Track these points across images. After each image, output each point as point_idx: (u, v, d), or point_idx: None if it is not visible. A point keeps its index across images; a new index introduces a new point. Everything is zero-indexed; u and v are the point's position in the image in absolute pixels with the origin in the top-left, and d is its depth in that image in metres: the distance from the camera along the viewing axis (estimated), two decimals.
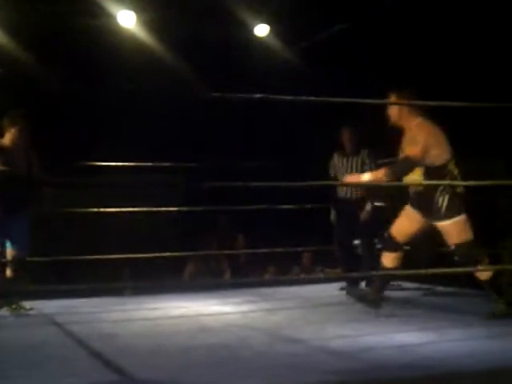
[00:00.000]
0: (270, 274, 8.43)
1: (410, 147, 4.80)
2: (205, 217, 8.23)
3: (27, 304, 5.41)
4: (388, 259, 5.11)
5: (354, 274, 6.22)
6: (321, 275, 8.14)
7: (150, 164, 6.89)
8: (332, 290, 6.36)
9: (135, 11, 7.28)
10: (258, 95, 3.72)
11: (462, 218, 4.75)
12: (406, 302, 5.67)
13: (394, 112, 4.94)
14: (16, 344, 4.19)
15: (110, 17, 7.25)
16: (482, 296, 5.05)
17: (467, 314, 4.90)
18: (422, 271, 5.37)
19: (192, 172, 7.29)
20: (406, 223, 5.03)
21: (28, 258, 5.52)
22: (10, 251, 5.31)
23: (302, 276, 5.97)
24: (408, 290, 6.47)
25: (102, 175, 7.08)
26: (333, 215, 6.49)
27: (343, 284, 6.35)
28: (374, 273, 6.21)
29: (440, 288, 6.27)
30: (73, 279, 7.34)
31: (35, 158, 5.35)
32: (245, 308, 5.56)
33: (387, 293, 6.28)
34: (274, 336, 4.39)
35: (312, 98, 3.81)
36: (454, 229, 4.74)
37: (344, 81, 7.35)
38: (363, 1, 7.32)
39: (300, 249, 7.72)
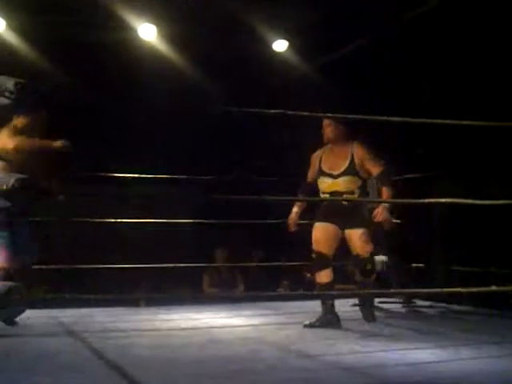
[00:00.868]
0: (283, 287, 8.43)
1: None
2: (220, 230, 8.26)
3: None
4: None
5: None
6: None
7: (165, 176, 6.92)
8: (344, 306, 6.36)
9: (156, 24, 7.36)
10: (274, 111, 3.74)
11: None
12: (419, 320, 5.65)
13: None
14: (30, 352, 4.21)
15: (131, 30, 7.33)
16: (497, 315, 5.03)
17: (482, 333, 4.88)
18: (437, 290, 5.38)
19: (208, 185, 7.34)
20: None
21: (43, 266, 5.54)
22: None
23: (315, 291, 5.98)
24: (422, 307, 6.45)
25: (116, 186, 7.11)
26: None
27: (355, 300, 6.33)
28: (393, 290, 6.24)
29: (455, 306, 6.25)
30: (87, 289, 7.37)
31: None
32: (257, 321, 5.57)
33: (402, 311, 6.30)
34: (285, 350, 4.39)
35: (328, 115, 3.83)
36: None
37: (361, 98, 7.37)
38: (383, 17, 7.33)
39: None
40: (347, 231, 5.51)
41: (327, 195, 5.57)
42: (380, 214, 5.25)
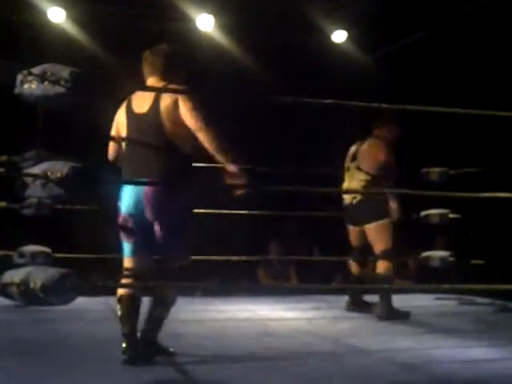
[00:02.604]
0: (337, 281, 8.34)
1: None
2: (273, 222, 8.24)
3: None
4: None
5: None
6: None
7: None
8: (398, 301, 6.26)
9: (214, 15, 7.35)
10: (329, 101, 3.68)
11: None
12: (477, 318, 5.53)
13: None
14: (82, 338, 4.27)
15: (189, 21, 7.34)
16: None
17: None
18: (495, 286, 5.26)
19: (263, 176, 7.28)
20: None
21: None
22: None
23: (370, 285, 5.93)
24: (480, 305, 6.31)
25: None
26: None
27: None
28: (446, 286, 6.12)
29: None
30: None
31: None
32: (310, 314, 5.53)
33: (460, 307, 6.18)
34: (338, 344, 4.35)
35: (384, 106, 3.75)
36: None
37: (418, 90, 7.24)
38: (444, 8, 7.17)
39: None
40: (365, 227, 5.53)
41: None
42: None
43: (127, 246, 3.68)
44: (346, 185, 5.62)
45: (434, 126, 7.07)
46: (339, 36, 7.85)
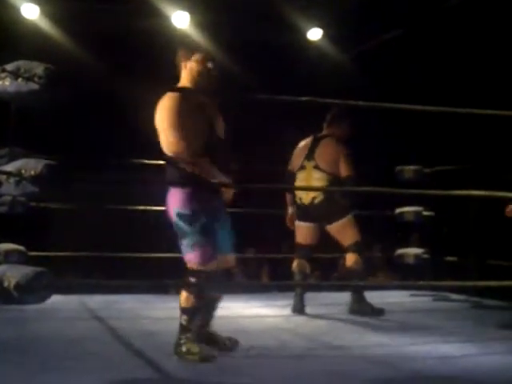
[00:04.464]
0: (314, 278, 8.37)
1: None
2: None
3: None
4: None
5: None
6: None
7: None
8: (373, 298, 6.29)
9: (189, 12, 7.32)
10: (304, 98, 3.68)
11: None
12: (451, 314, 5.57)
13: None
14: (56, 337, 4.23)
15: (164, 17, 7.30)
16: None
17: None
18: (470, 283, 5.30)
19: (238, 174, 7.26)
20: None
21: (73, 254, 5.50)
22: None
23: (346, 282, 5.97)
24: (455, 301, 6.36)
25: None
26: None
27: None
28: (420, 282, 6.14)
29: (488, 301, 6.14)
30: (116, 275, 7.39)
31: None
32: (286, 311, 5.53)
33: (434, 304, 6.22)
34: (314, 341, 4.35)
35: (360, 103, 3.76)
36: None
37: (395, 88, 7.28)
38: (420, 6, 7.21)
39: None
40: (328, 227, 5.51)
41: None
42: None
43: None
44: (302, 183, 5.53)
45: (408, 123, 7.11)
46: (315, 34, 7.86)
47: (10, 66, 3.12)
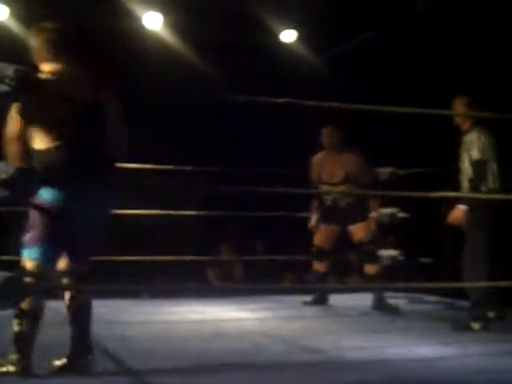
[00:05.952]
0: (288, 281, 8.34)
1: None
2: (220, 222, 8.24)
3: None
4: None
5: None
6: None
7: (168, 167, 6.78)
8: (348, 300, 6.29)
9: (162, 13, 7.26)
10: (281, 100, 3.67)
11: None
12: (426, 316, 5.58)
13: None
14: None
15: (135, 19, 7.23)
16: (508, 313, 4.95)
17: (490, 328, 4.79)
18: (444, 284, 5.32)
19: (212, 176, 7.24)
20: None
21: None
22: None
23: (320, 284, 6.00)
24: (429, 303, 6.38)
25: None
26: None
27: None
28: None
29: (462, 302, 6.15)
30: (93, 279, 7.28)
31: None
32: (262, 315, 5.51)
33: (409, 306, 6.23)
34: (290, 344, 4.33)
35: (336, 104, 3.75)
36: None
37: (369, 90, 7.27)
38: (394, 8, 7.22)
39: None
40: (350, 228, 5.99)
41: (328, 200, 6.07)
42: None
43: None
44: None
45: (384, 125, 7.11)
46: (289, 35, 7.84)
47: None
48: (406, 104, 4.45)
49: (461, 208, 4.88)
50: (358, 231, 5.99)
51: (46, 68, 3.44)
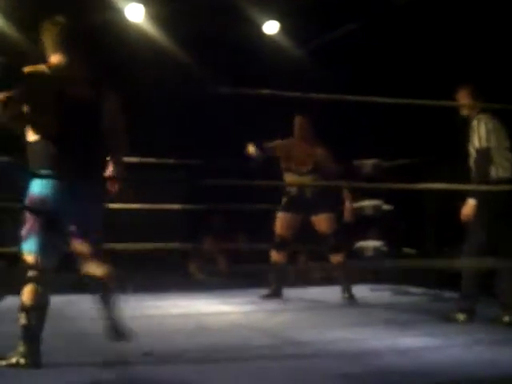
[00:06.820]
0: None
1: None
2: (203, 216, 8.22)
3: None
4: None
5: None
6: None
7: (151, 160, 6.72)
8: (335, 292, 6.28)
9: (144, 5, 7.19)
10: (266, 91, 3.64)
11: None
12: (412, 307, 5.58)
13: None
14: (13, 337, 4.10)
15: (117, 11, 7.16)
16: (487, 301, 4.95)
17: (473, 320, 4.79)
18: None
19: (195, 169, 7.19)
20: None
21: None
22: None
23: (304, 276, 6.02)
24: (415, 295, 6.39)
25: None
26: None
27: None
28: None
29: (447, 293, 6.17)
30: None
31: None
32: (247, 308, 5.49)
33: (395, 298, 6.24)
34: (276, 337, 4.31)
35: (322, 95, 3.73)
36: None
37: (352, 81, 7.26)
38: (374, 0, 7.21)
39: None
40: (313, 218, 6.04)
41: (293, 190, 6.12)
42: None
43: None
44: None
45: (367, 116, 7.11)
46: (271, 27, 7.81)
47: None
48: (386, 95, 4.44)
49: (470, 203, 4.68)
50: (321, 223, 6.03)
51: (54, 60, 3.51)
